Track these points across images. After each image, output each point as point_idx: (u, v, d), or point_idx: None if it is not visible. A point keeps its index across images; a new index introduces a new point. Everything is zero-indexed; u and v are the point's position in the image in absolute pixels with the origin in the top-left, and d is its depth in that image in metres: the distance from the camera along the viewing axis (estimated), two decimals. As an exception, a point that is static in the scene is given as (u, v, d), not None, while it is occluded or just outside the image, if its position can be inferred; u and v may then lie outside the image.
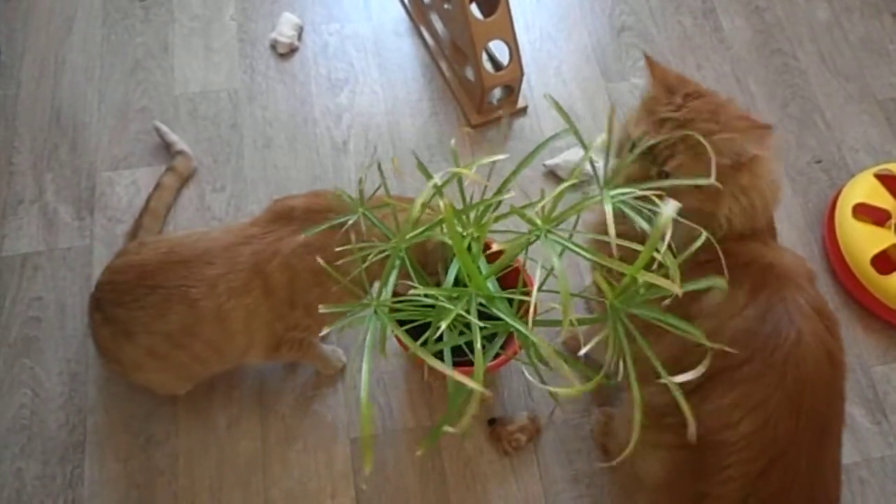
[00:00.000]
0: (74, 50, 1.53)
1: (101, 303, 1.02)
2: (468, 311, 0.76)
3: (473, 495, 1.16)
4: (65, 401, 1.19)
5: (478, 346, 0.72)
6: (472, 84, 1.46)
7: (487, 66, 1.45)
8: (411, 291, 0.78)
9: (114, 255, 1.10)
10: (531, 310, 0.75)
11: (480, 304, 0.78)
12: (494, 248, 0.76)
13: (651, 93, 0.92)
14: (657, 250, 0.71)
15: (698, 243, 0.73)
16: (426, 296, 0.77)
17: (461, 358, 0.98)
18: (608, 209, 0.74)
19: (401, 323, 0.83)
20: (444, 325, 0.73)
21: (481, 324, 0.74)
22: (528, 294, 0.78)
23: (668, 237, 0.74)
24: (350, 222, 0.83)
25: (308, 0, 1.63)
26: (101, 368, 1.21)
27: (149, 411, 1.19)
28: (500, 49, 1.49)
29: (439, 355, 0.82)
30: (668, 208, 0.71)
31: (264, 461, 1.17)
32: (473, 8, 1.38)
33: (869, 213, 1.35)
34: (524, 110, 1.52)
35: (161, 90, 1.49)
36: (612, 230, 0.70)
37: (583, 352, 0.71)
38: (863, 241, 1.32)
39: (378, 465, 1.17)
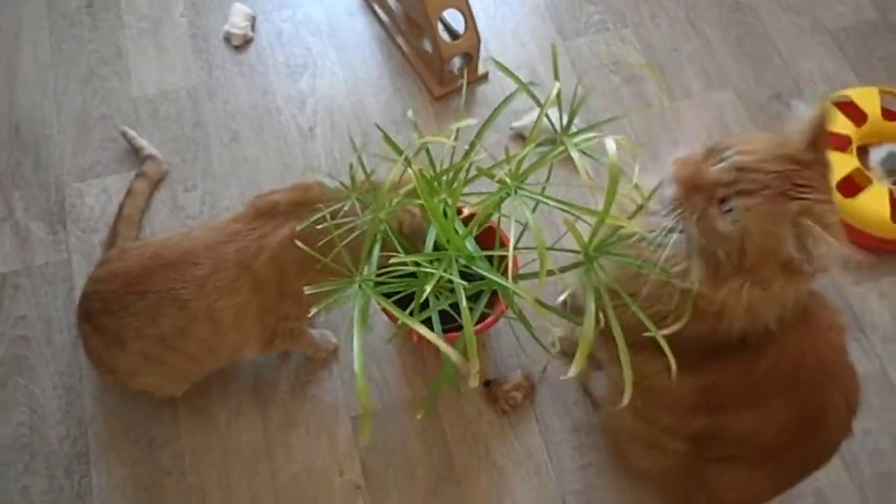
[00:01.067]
0: (25, 64, 1.51)
1: (89, 313, 1.02)
2: (450, 274, 0.78)
3: (476, 456, 1.19)
4: (63, 414, 1.19)
5: (463, 304, 0.74)
6: (431, 56, 1.46)
7: (444, 36, 1.45)
8: (392, 261, 0.79)
9: (95, 265, 1.10)
10: (510, 263, 0.77)
11: (463, 266, 0.80)
12: (466, 211, 0.78)
13: (794, 130, 0.78)
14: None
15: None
16: (408, 264, 0.79)
17: (452, 325, 1.00)
18: (575, 156, 0.76)
19: (387, 296, 0.85)
20: (428, 289, 0.74)
21: (465, 283, 0.76)
22: (506, 251, 0.80)
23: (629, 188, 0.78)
24: (346, 208, 0.84)
25: (257, -12, 1.61)
26: (96, 378, 1.21)
27: (148, 415, 1.20)
28: (454, 18, 1.49)
29: (428, 324, 0.84)
30: (610, 144, 0.73)
31: (268, 450, 1.18)
32: (423, -21, 1.37)
33: (831, 140, 1.38)
34: (485, 77, 1.53)
35: (119, 95, 1.48)
36: (583, 174, 0.73)
37: (560, 299, 0.74)
38: (827, 168, 1.35)
39: (381, 438, 1.19)
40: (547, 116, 0.84)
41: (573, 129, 0.85)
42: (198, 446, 1.18)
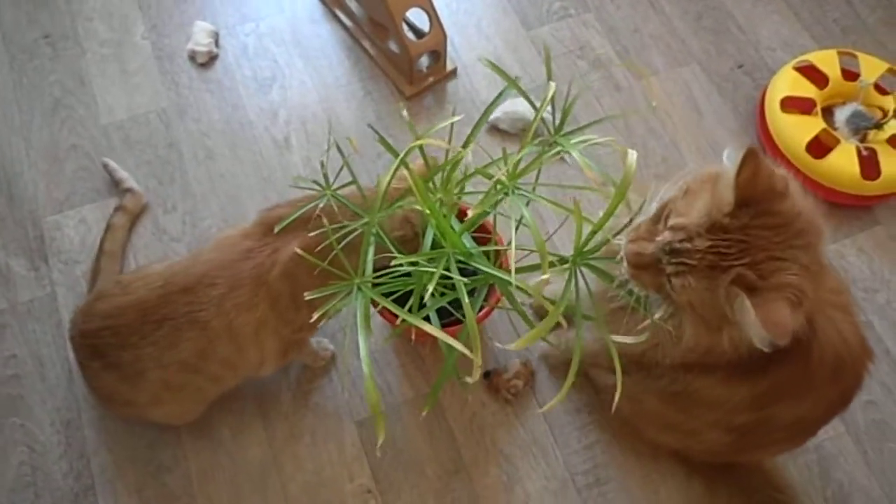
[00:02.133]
0: (-13, 101, 1.48)
1: (98, 349, 1.00)
2: (448, 271, 0.78)
3: (484, 448, 1.20)
4: (64, 449, 1.18)
5: (465, 301, 0.75)
6: (399, 56, 1.47)
7: (409, 35, 1.45)
8: (393, 262, 0.80)
9: (86, 301, 1.08)
10: (506, 257, 0.78)
11: (460, 262, 0.81)
12: (470, 213, 0.79)
13: (724, 188, 0.74)
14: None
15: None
16: (407, 264, 0.80)
17: (447, 319, 1.01)
18: (576, 155, 0.77)
19: (384, 297, 0.86)
20: (430, 288, 0.75)
21: (465, 280, 0.77)
22: (500, 250, 0.82)
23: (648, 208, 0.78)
24: (321, 205, 0.85)
25: (217, 4, 1.60)
26: (95, 410, 1.20)
27: (152, 441, 1.19)
28: (418, 17, 1.49)
29: (427, 321, 0.84)
30: (632, 156, 0.74)
31: (276, 463, 1.18)
32: (384, -20, 1.38)
33: (796, 105, 1.42)
34: (454, 72, 1.54)
35: (87, 124, 1.46)
36: (590, 173, 0.74)
37: (544, 276, 0.75)
38: (795, 132, 1.39)
39: (388, 440, 1.19)
40: (543, 120, 0.85)
41: (549, 122, 0.87)
42: (205, 466, 1.17)
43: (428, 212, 0.77)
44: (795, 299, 0.72)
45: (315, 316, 0.77)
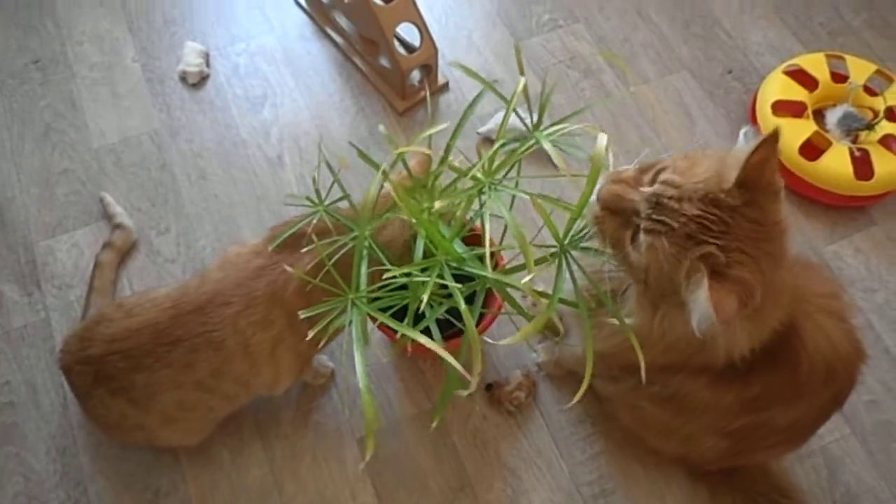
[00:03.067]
0: (-22, 127, 1.47)
1: (103, 376, 0.98)
2: (442, 278, 0.78)
3: (488, 461, 1.18)
4: (60, 478, 1.16)
5: (463, 306, 0.74)
6: (390, 71, 1.47)
7: (400, 50, 1.46)
8: (385, 275, 0.79)
9: (85, 325, 1.04)
10: (493, 259, 0.77)
11: (454, 269, 0.81)
12: (437, 205, 0.79)
13: (732, 163, 0.71)
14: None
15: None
16: (401, 276, 0.79)
17: (449, 331, 1.00)
18: (548, 147, 0.77)
19: (382, 311, 0.85)
20: (425, 298, 0.74)
21: (458, 286, 0.76)
22: (493, 251, 0.81)
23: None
24: (314, 221, 0.84)
25: (207, 25, 1.61)
26: (89, 436, 1.18)
27: (149, 466, 1.17)
28: (408, 32, 1.50)
29: (426, 334, 0.84)
30: (601, 139, 0.74)
31: (277, 483, 1.16)
32: (373, -4, 1.38)
33: (787, 108, 1.43)
34: (446, 86, 1.54)
35: (79, 148, 1.45)
36: (560, 163, 0.74)
37: (527, 279, 0.73)
38: (787, 135, 1.39)
39: (390, 456, 1.18)
40: (516, 111, 0.85)
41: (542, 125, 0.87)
42: (204, 490, 1.15)
43: (414, 221, 0.76)
44: (745, 298, 0.70)
45: (311, 333, 0.76)
